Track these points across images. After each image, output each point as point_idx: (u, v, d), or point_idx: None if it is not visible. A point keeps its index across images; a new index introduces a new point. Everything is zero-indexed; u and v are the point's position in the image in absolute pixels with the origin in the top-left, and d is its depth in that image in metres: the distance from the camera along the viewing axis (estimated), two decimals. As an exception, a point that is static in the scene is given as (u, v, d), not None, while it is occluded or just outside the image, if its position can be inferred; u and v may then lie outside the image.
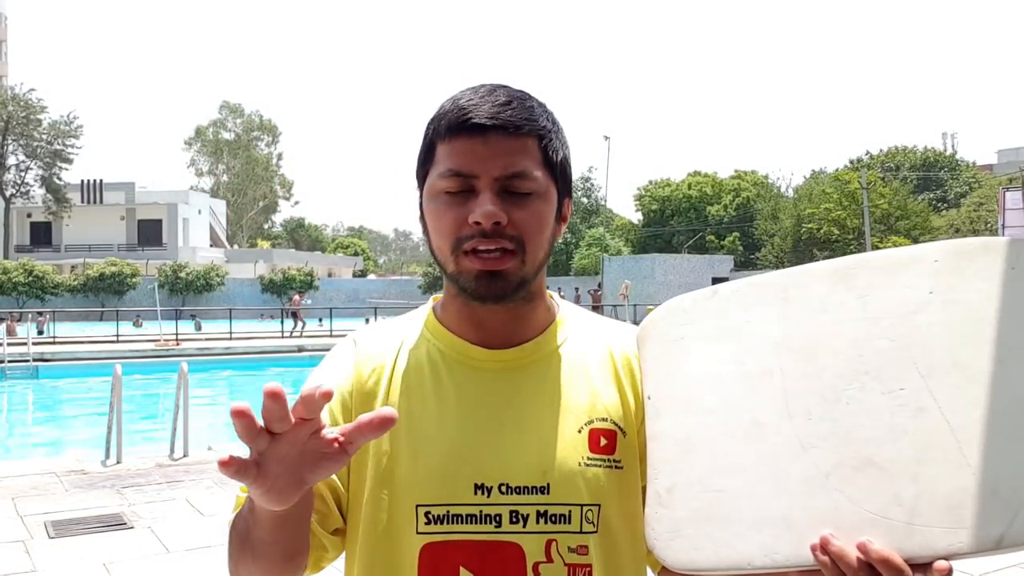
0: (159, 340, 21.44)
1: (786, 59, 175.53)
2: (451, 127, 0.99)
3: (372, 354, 1.08)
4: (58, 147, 49.37)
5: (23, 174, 49.94)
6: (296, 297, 31.41)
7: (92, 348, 19.82)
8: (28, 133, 48.31)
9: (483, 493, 0.99)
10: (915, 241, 41.29)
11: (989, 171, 51.72)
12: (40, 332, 22.36)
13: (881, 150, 54.39)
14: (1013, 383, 0.77)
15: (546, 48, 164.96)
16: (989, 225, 40.13)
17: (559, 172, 1.04)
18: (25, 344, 18.76)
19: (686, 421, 0.93)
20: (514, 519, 0.99)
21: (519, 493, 0.99)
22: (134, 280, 38.01)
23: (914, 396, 0.80)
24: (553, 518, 0.99)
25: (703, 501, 0.90)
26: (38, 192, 50.91)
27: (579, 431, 1.03)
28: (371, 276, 64.12)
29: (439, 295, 1.13)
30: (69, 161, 50.20)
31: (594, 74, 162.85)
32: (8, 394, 15.87)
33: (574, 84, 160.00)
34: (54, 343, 21.01)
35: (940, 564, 0.76)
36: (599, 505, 1.01)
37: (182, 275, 39.11)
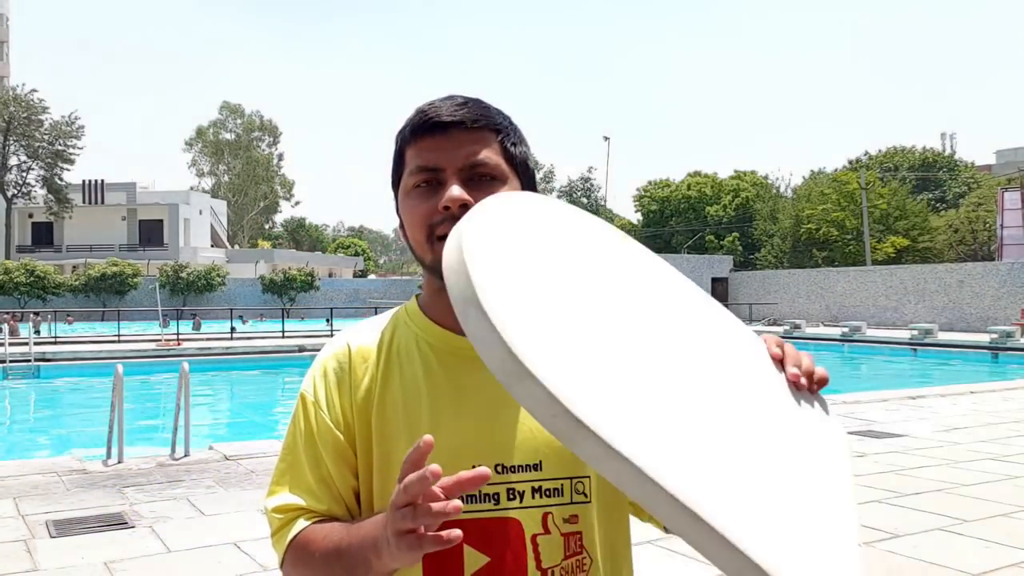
0: (160, 340, 21.46)
1: (785, 59, 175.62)
2: (415, 130, 1.09)
3: (365, 352, 1.13)
4: (59, 147, 49.41)
5: (25, 174, 49.99)
6: None
7: (93, 348, 19.82)
8: (30, 134, 48.35)
9: None
10: (914, 241, 41.26)
11: (988, 171, 51.72)
12: (36, 332, 22.34)
13: (880, 150, 54.40)
14: None
15: (546, 48, 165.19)
16: (988, 225, 40.11)
17: (520, 165, 1.11)
18: (27, 344, 18.78)
19: None
20: (511, 496, 1.06)
21: (514, 472, 1.06)
22: (135, 280, 38.02)
23: None
24: (547, 492, 1.07)
25: None
26: (40, 192, 50.97)
27: None
28: (371, 276, 64.13)
29: (419, 292, 1.20)
30: (70, 161, 50.24)
31: (594, 74, 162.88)
32: (10, 394, 15.89)
33: (574, 84, 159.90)
34: (55, 343, 21.02)
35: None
36: (588, 476, 1.09)
37: (183, 275, 39.11)
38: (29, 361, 17.57)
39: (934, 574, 4.30)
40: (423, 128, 1.07)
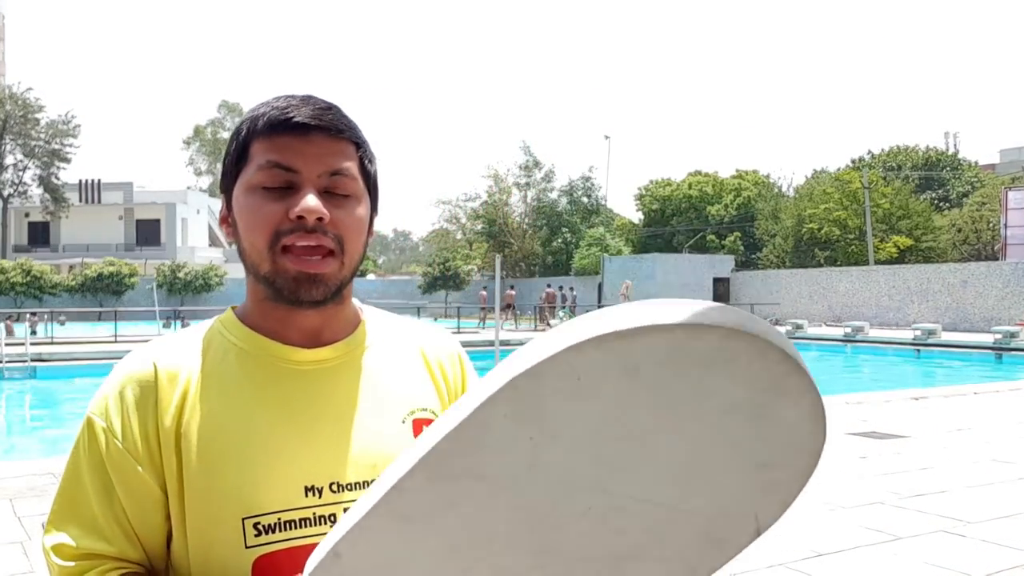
0: (158, 340, 21.43)
1: (787, 58, 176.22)
2: (272, 125, 0.96)
3: (173, 372, 0.99)
4: (56, 146, 49.44)
5: (21, 174, 49.99)
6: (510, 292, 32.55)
7: (90, 348, 19.80)
8: (26, 132, 48.37)
9: (314, 495, 0.97)
10: (917, 241, 41.28)
11: (991, 170, 51.76)
12: (33, 332, 22.33)
13: (883, 149, 54.35)
14: (660, 458, 0.71)
15: (546, 48, 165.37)
16: (991, 224, 40.12)
17: (373, 184, 1.04)
18: (23, 344, 18.75)
19: None
20: None
21: (351, 490, 0.98)
22: (132, 280, 38.00)
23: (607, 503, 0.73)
24: None
25: None
26: (36, 192, 50.98)
27: (403, 422, 1.05)
28: (370, 276, 64.13)
29: (236, 305, 1.08)
30: (67, 161, 50.28)
31: (594, 74, 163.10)
32: (6, 394, 15.86)
33: (574, 84, 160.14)
34: (52, 343, 20.99)
35: None
36: None
37: (180, 275, 39.12)
38: (25, 361, 17.55)
39: (940, 578, 4.26)
40: (282, 125, 0.95)
